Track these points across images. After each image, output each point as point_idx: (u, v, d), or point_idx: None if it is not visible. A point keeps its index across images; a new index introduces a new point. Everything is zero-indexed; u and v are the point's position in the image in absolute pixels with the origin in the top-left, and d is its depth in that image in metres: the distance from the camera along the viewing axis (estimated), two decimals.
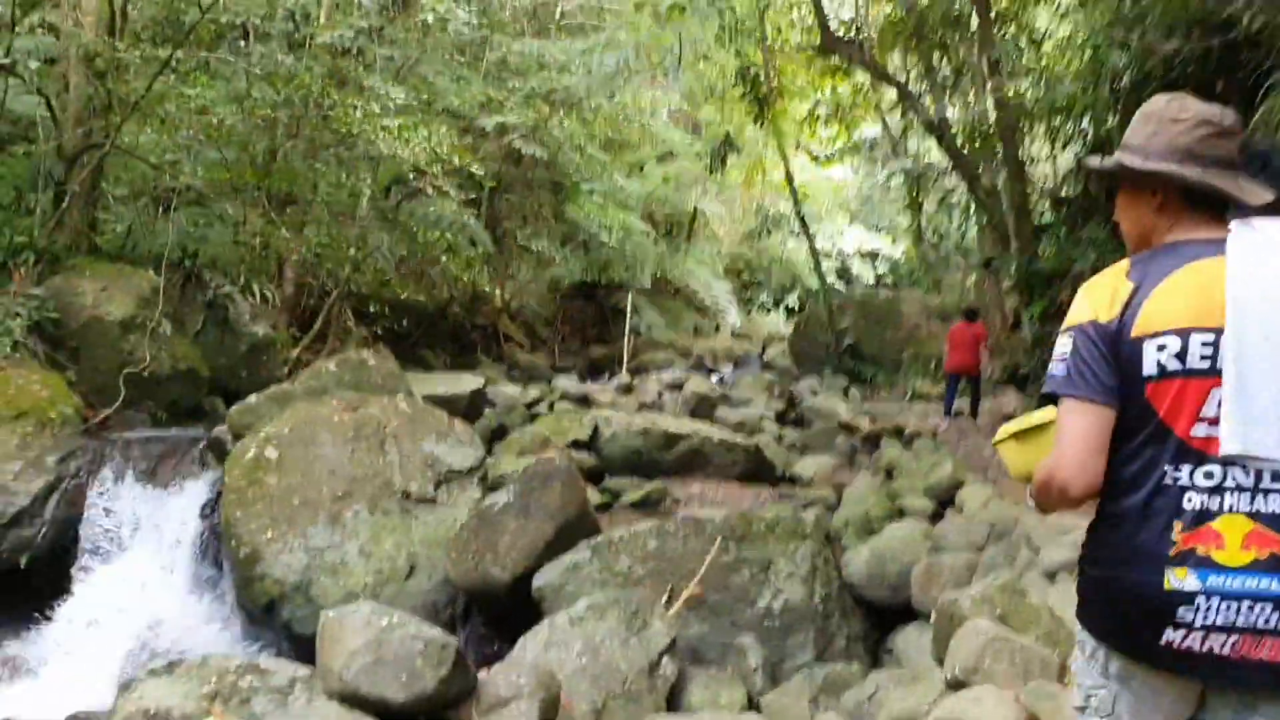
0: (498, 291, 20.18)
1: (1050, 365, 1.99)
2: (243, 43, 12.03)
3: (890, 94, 15.64)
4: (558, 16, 20.44)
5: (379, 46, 13.47)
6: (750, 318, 27.95)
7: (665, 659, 5.23)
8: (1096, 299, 1.95)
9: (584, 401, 11.66)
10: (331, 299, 12.77)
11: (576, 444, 10.22)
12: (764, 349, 19.98)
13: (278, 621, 6.56)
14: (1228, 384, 1.81)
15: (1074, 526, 5.49)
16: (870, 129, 21.20)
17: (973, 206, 12.67)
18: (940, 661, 4.77)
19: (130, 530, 7.53)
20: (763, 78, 15.67)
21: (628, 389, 12.74)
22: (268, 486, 7.01)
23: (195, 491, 7.74)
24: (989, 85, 11.43)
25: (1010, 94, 10.92)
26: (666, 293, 24.83)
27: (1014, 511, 6.80)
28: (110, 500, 7.61)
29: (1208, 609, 1.80)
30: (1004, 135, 11.48)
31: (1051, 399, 2.00)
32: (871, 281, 27.37)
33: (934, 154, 17.43)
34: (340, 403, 7.79)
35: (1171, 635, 1.83)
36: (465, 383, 11.32)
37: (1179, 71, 9.38)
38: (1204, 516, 1.83)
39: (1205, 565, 1.82)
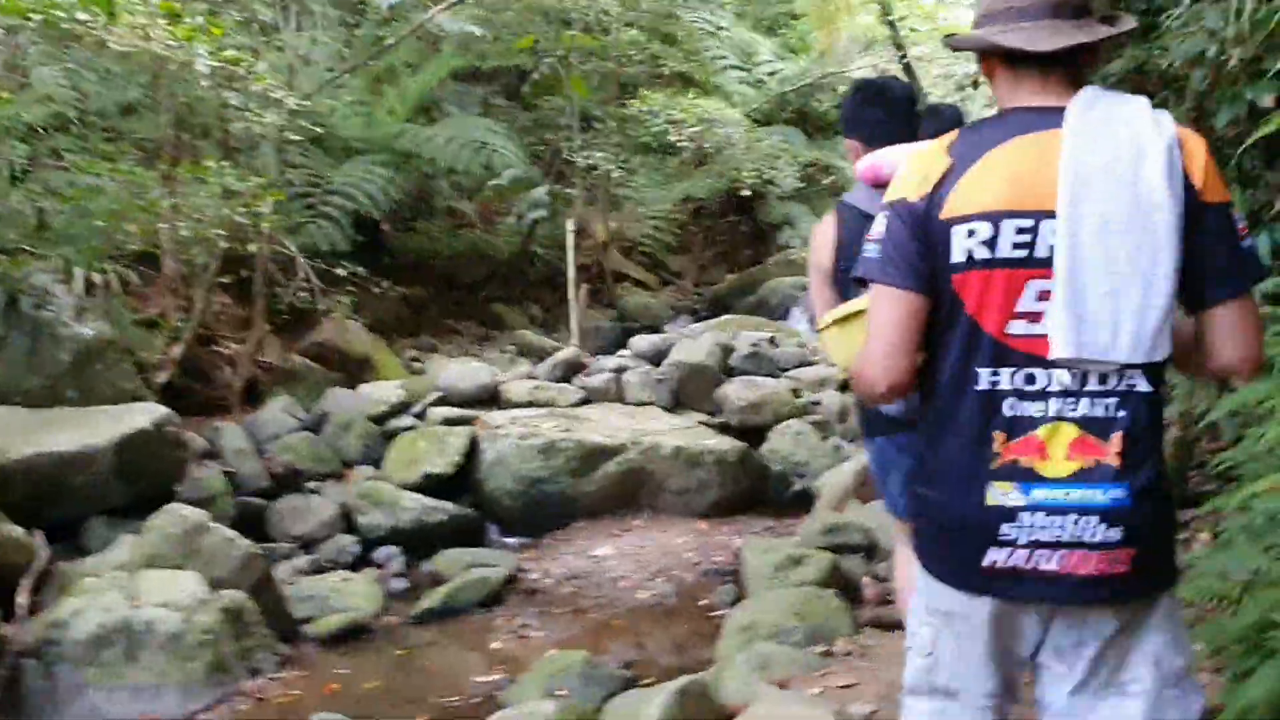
0: (599, 223, 16.39)
1: (865, 245, 1.72)
2: None
3: None
4: None
5: None
6: None
7: None
8: (910, 174, 1.68)
9: (487, 400, 7.63)
10: (258, 265, 9.39)
11: (435, 481, 6.43)
12: None
13: None
14: (1059, 278, 1.55)
15: None
16: None
17: None
18: None
19: None
20: None
21: (572, 369, 8.29)
22: None
23: None
24: None
25: None
26: (830, 197, 19.99)
27: None
28: None
29: (1032, 525, 1.61)
30: None
31: (864, 283, 1.75)
32: None
33: None
34: None
35: (995, 555, 1.63)
36: (110, 423, 5.79)
37: None
38: (1025, 424, 1.62)
39: (1028, 478, 1.62)
